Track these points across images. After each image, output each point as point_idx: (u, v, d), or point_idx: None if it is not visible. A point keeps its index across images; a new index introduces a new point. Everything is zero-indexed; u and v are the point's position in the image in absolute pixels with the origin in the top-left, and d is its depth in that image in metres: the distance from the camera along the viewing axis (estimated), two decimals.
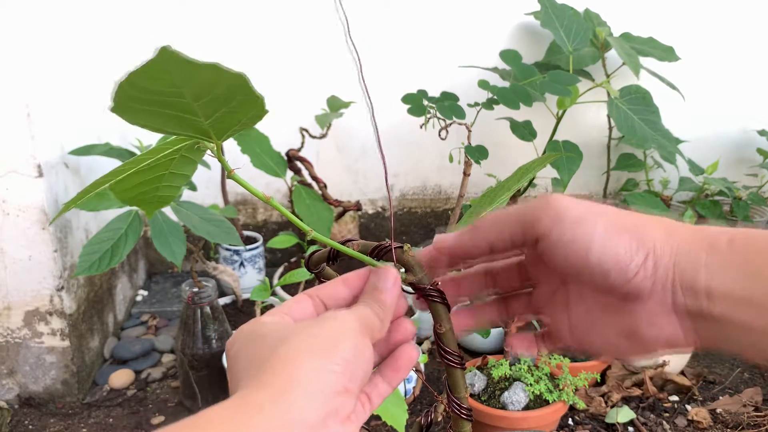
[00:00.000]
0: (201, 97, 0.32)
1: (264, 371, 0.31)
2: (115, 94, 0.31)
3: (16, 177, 1.13)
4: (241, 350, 0.35)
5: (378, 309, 0.38)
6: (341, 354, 0.33)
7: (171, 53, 0.28)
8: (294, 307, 0.39)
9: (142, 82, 0.30)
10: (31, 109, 1.11)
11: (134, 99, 0.31)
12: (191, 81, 0.30)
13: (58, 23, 1.27)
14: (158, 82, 0.30)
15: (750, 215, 1.58)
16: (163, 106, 0.32)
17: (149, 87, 0.30)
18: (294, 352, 0.32)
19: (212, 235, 1.10)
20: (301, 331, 0.34)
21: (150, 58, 0.28)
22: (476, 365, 1.17)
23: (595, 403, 1.21)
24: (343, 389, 0.32)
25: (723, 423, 1.18)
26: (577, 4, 1.50)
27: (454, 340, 0.43)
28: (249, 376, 0.32)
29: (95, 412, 1.26)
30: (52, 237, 1.17)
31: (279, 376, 0.31)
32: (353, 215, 1.64)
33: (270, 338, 0.34)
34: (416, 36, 1.61)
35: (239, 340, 0.36)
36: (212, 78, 0.31)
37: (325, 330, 0.34)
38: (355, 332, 0.35)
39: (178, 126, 0.34)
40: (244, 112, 0.35)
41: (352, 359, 0.33)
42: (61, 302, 1.21)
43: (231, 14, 1.55)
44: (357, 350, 0.34)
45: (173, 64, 0.29)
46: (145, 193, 0.38)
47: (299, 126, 1.53)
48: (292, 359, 0.32)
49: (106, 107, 1.26)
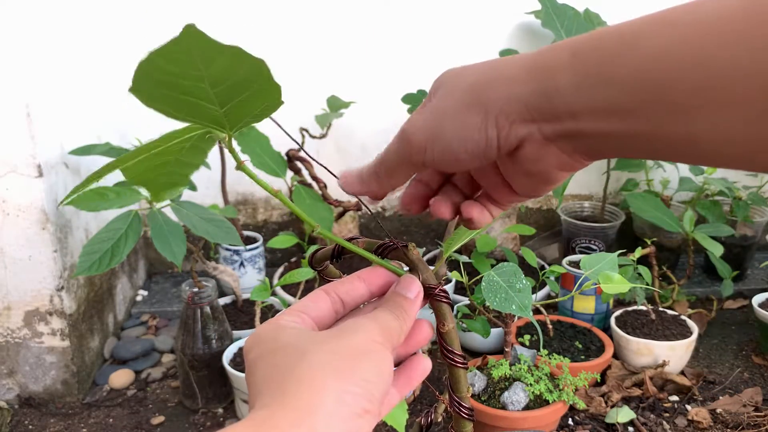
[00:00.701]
0: (219, 83, 0.32)
1: (285, 391, 0.31)
2: (135, 74, 0.30)
3: (16, 177, 1.13)
4: (261, 358, 0.34)
5: (401, 316, 0.38)
6: (362, 374, 0.33)
7: (195, 32, 0.28)
8: (312, 306, 0.39)
9: (163, 62, 0.30)
10: (31, 109, 1.11)
11: (153, 81, 0.31)
12: (212, 63, 0.30)
13: (58, 23, 1.27)
14: (179, 63, 0.30)
15: (750, 215, 1.58)
16: (181, 91, 0.32)
17: (169, 68, 0.30)
18: (314, 371, 0.32)
19: (212, 235, 1.10)
20: (322, 346, 0.34)
21: (174, 36, 0.28)
22: (476, 365, 1.17)
23: (595, 403, 1.21)
24: (362, 411, 0.32)
25: (723, 423, 1.18)
26: (578, 4, 1.50)
27: (457, 340, 0.43)
28: (270, 392, 0.32)
29: (95, 412, 1.26)
30: (52, 237, 1.17)
31: (300, 398, 0.31)
32: (353, 215, 1.64)
33: (290, 350, 0.34)
34: (416, 36, 1.61)
35: (258, 345, 0.35)
36: (233, 61, 0.31)
37: (345, 346, 0.34)
38: (377, 345, 0.35)
39: (193, 113, 0.34)
40: (260, 101, 0.34)
41: (374, 379, 0.33)
42: (61, 302, 1.21)
43: (231, 15, 1.55)
44: (378, 369, 0.34)
45: (196, 44, 0.29)
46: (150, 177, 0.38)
47: (299, 126, 1.53)
48: (312, 380, 0.31)
49: (107, 114, 1.26)
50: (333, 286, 0.41)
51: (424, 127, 0.35)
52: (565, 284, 1.42)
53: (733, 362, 1.39)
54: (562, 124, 0.32)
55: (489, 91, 0.33)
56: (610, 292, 0.97)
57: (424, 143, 0.35)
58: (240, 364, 1.19)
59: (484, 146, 0.34)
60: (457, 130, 0.34)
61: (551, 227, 1.81)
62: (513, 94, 0.32)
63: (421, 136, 0.35)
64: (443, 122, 0.34)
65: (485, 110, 0.33)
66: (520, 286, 0.85)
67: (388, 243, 0.43)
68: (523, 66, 0.33)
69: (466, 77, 0.34)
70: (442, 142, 0.35)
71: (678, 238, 1.62)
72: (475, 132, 0.33)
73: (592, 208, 1.73)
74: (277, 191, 0.41)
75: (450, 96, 0.35)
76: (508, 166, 0.36)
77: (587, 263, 1.01)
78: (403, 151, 0.37)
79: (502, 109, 0.33)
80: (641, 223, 1.66)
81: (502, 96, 0.33)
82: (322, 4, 1.57)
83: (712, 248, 1.37)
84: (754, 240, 1.64)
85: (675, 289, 1.49)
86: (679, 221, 1.44)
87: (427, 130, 0.35)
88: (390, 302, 0.39)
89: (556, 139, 0.33)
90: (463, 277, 1.10)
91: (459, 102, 0.34)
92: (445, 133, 0.34)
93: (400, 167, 0.38)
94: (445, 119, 0.34)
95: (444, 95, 0.35)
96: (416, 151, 0.36)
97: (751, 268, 1.73)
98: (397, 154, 0.37)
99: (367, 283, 0.41)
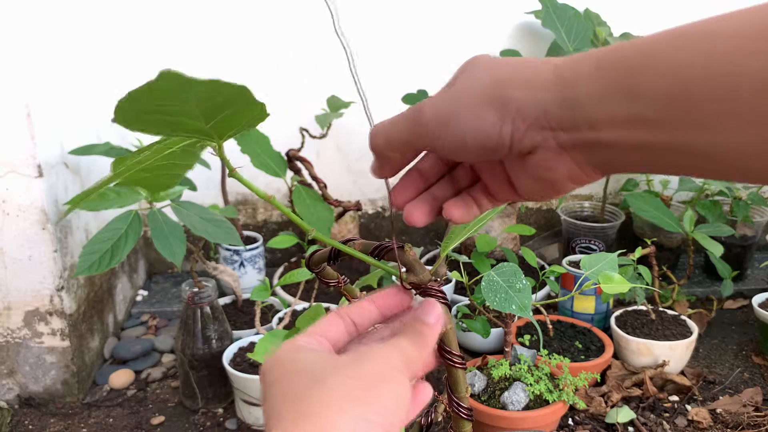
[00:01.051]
0: (202, 103, 0.33)
1: (302, 415, 0.31)
2: (115, 111, 0.32)
3: (16, 177, 1.13)
4: (280, 380, 0.34)
5: (422, 344, 0.37)
6: (381, 402, 0.32)
7: (171, 74, 0.29)
8: (328, 329, 0.39)
9: (144, 98, 0.31)
10: (31, 109, 1.11)
11: (136, 111, 0.32)
12: (191, 94, 0.31)
13: (58, 23, 1.27)
14: (160, 98, 0.31)
15: (750, 215, 1.58)
16: (165, 114, 0.33)
17: (150, 102, 0.31)
18: (332, 396, 0.32)
19: (212, 235, 1.10)
20: (340, 371, 0.33)
21: (149, 81, 0.29)
22: (476, 365, 1.17)
23: (595, 403, 1.21)
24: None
25: (723, 423, 1.18)
26: (578, 4, 1.50)
27: (455, 340, 0.43)
28: (288, 415, 0.31)
29: (95, 412, 1.26)
30: (52, 237, 1.17)
31: (316, 423, 0.30)
32: (353, 215, 1.64)
33: (309, 373, 0.33)
34: (416, 36, 1.61)
35: (277, 368, 0.35)
36: (213, 91, 0.32)
37: (366, 372, 0.33)
38: (398, 372, 0.34)
39: (180, 129, 0.35)
40: (245, 117, 0.35)
41: (393, 406, 0.33)
42: (61, 302, 1.21)
43: (231, 14, 1.55)
44: (398, 395, 0.33)
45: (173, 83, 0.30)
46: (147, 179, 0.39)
47: (299, 126, 1.53)
48: (329, 404, 0.31)
49: (107, 114, 1.26)
50: (346, 309, 0.40)
51: (440, 113, 0.35)
52: (565, 284, 1.42)
53: (733, 362, 1.39)
54: (580, 133, 0.32)
55: (512, 90, 0.33)
56: (610, 292, 0.97)
57: (436, 128, 0.35)
58: (240, 364, 1.19)
59: (496, 143, 0.34)
60: (472, 122, 0.34)
61: (551, 227, 1.81)
62: (534, 99, 0.32)
63: (436, 121, 0.35)
64: (460, 111, 0.34)
65: (504, 108, 0.33)
66: (520, 286, 0.85)
67: (384, 244, 0.43)
68: (549, 71, 0.33)
69: (492, 71, 0.34)
70: (455, 130, 0.34)
71: (678, 238, 1.62)
72: (490, 127, 0.33)
73: (592, 208, 1.73)
74: (270, 196, 0.41)
75: (472, 86, 0.35)
76: (516, 167, 0.36)
77: (587, 263, 1.01)
78: (413, 131, 0.36)
79: (521, 110, 0.33)
80: (641, 223, 1.66)
81: (523, 98, 0.33)
82: (321, 4, 1.56)
83: (712, 248, 1.37)
84: (754, 240, 1.64)
85: (675, 289, 1.49)
86: (679, 221, 1.44)
87: (444, 116, 0.35)
88: (410, 330, 0.38)
89: (572, 148, 0.33)
90: (463, 277, 1.10)
91: (480, 94, 0.34)
92: (460, 122, 0.34)
93: (405, 146, 0.37)
94: (462, 108, 0.34)
95: (466, 84, 0.35)
96: (428, 134, 0.36)
97: (751, 268, 1.73)
98: (405, 133, 0.37)
99: (378, 305, 0.41)
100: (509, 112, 0.33)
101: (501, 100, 0.33)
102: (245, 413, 1.20)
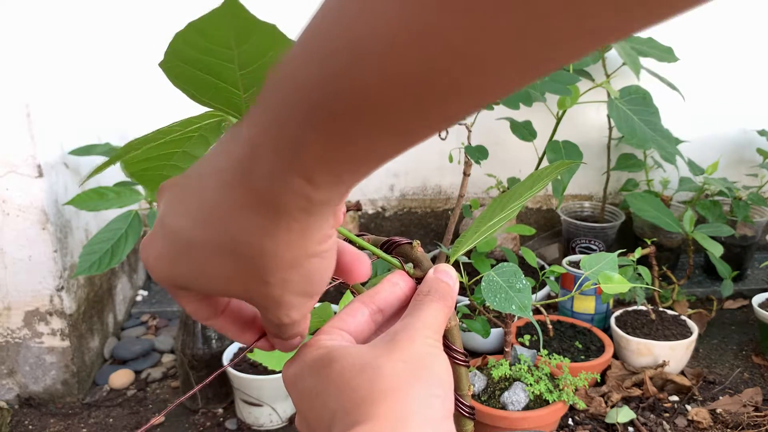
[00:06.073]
0: (248, 63, 0.32)
1: (373, 402, 0.30)
2: (168, 47, 0.31)
3: (16, 177, 1.13)
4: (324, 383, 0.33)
5: (448, 305, 0.37)
6: (437, 376, 0.32)
7: (236, 5, 0.29)
8: (349, 321, 0.37)
9: (197, 37, 0.30)
10: (31, 109, 1.11)
11: (183, 57, 0.32)
12: (246, 40, 0.30)
13: (58, 24, 1.27)
14: (213, 38, 0.30)
15: (750, 215, 1.58)
16: (208, 71, 0.32)
17: (202, 43, 0.31)
18: (395, 382, 0.31)
19: None
20: (389, 356, 0.32)
21: (214, 7, 0.29)
22: (476, 365, 1.17)
23: (595, 403, 1.21)
24: (448, 412, 0.32)
25: (723, 423, 1.18)
26: None
27: (459, 337, 0.43)
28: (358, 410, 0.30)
29: (95, 412, 1.26)
30: (52, 237, 1.17)
31: (395, 411, 0.30)
32: (353, 215, 1.64)
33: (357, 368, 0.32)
34: None
35: (310, 374, 0.34)
36: (267, 40, 0.31)
37: (411, 353, 0.33)
38: (436, 342, 0.34)
39: (215, 97, 0.34)
40: None
41: (445, 377, 0.33)
42: (61, 302, 1.21)
43: None
44: (446, 367, 0.34)
45: (235, 17, 0.29)
46: (149, 170, 0.38)
47: None
48: (397, 390, 0.31)
49: (107, 114, 1.25)
50: (369, 296, 0.39)
51: (163, 259, 0.32)
52: (565, 284, 1.42)
53: (733, 362, 1.39)
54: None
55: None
56: (610, 292, 0.97)
57: (171, 276, 0.32)
58: (240, 364, 1.19)
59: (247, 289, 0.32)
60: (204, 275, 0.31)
61: (551, 227, 1.81)
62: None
63: (165, 269, 0.32)
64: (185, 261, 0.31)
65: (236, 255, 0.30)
66: (520, 286, 0.85)
67: (394, 240, 0.43)
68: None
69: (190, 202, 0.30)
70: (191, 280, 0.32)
71: (678, 238, 1.62)
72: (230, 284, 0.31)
73: (592, 208, 1.73)
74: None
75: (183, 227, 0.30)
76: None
77: (587, 263, 1.01)
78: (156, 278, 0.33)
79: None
80: (641, 223, 1.66)
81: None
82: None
83: (711, 248, 1.37)
84: (754, 240, 1.64)
85: (675, 289, 1.49)
86: (679, 221, 1.44)
87: (169, 262, 0.32)
88: (433, 290, 0.38)
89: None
90: (463, 277, 1.10)
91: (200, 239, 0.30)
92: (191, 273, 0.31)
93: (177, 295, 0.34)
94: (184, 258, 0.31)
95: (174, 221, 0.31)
96: (167, 284, 0.33)
97: (751, 268, 1.73)
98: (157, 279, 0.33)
99: (401, 286, 0.40)
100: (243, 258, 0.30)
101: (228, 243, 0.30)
102: (245, 413, 1.20)
